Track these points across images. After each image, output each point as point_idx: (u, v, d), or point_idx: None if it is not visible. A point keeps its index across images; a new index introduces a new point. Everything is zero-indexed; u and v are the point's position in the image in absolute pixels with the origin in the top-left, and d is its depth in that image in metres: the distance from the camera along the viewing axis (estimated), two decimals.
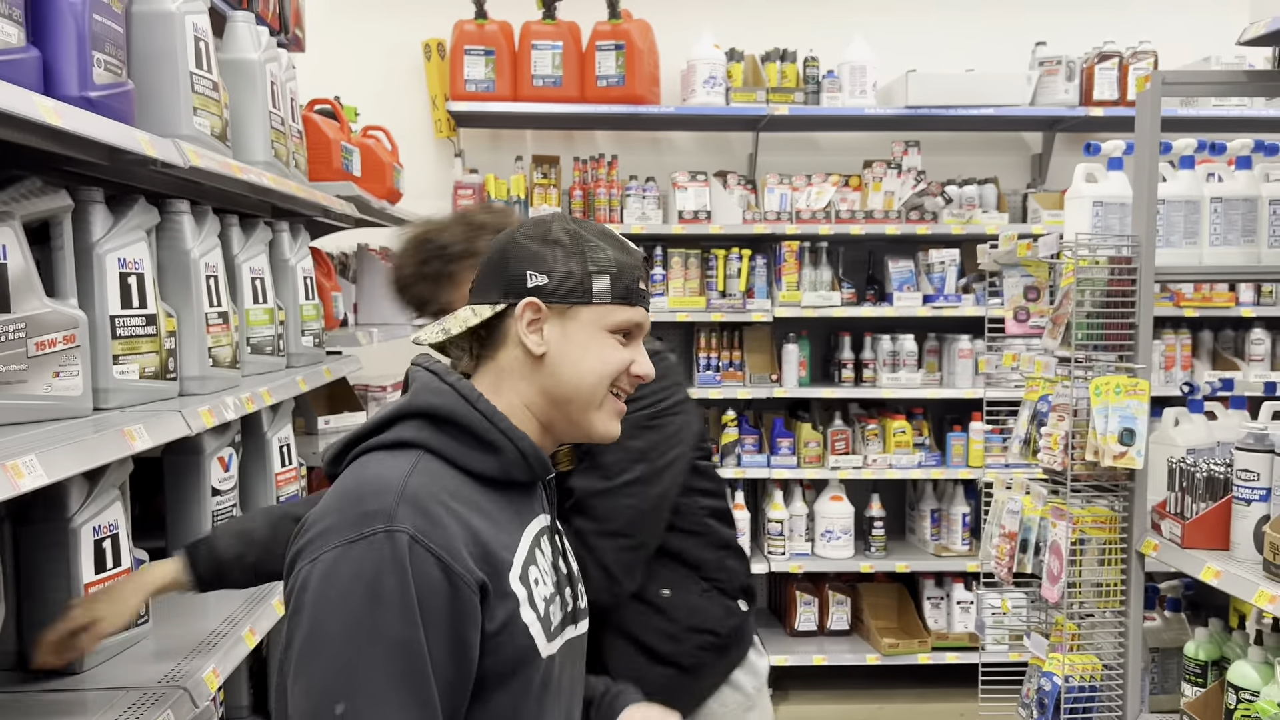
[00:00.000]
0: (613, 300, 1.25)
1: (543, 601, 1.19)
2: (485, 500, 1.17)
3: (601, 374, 1.24)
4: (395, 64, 4.70)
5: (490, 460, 1.19)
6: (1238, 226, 2.46)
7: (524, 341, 1.23)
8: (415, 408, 1.19)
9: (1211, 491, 2.21)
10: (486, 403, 1.20)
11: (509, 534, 1.18)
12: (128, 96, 1.61)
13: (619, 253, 1.27)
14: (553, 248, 1.24)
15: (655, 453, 1.65)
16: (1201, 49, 4.38)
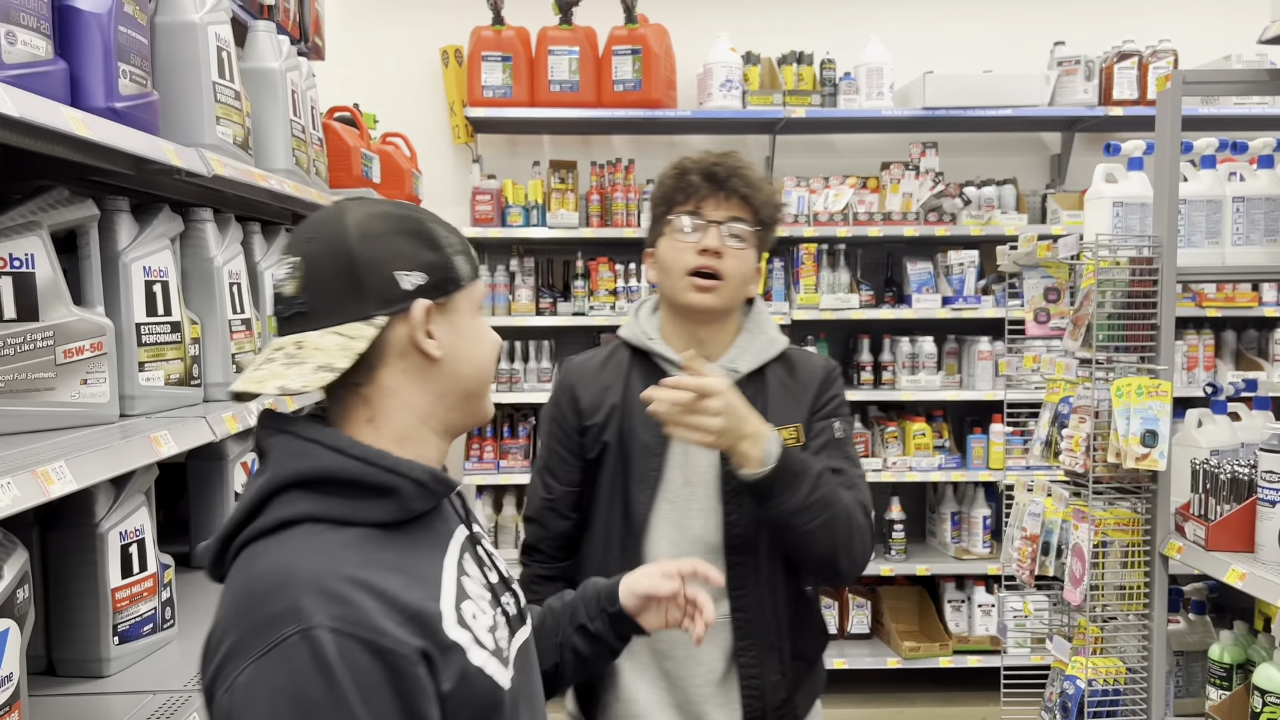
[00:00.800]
0: (472, 278, 1.15)
1: (488, 634, 1.08)
2: (393, 550, 1.03)
3: (492, 356, 1.18)
4: (413, 71, 4.73)
5: (386, 505, 1.04)
6: (1260, 226, 2.44)
7: (422, 348, 1.08)
8: (282, 480, 1.03)
9: (1235, 493, 2.19)
10: (361, 445, 1.05)
11: (429, 576, 1.05)
12: (153, 107, 1.63)
13: (448, 228, 1.16)
14: (411, 240, 1.10)
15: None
16: (1222, 47, 4.35)
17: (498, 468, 4.32)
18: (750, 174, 1.72)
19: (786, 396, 1.76)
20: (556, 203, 4.37)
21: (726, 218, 1.69)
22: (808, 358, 1.84)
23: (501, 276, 4.40)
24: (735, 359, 1.76)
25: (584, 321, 4.37)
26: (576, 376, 1.83)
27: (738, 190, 1.70)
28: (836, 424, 1.77)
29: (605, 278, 4.39)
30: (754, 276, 1.76)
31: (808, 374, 1.80)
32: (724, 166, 1.70)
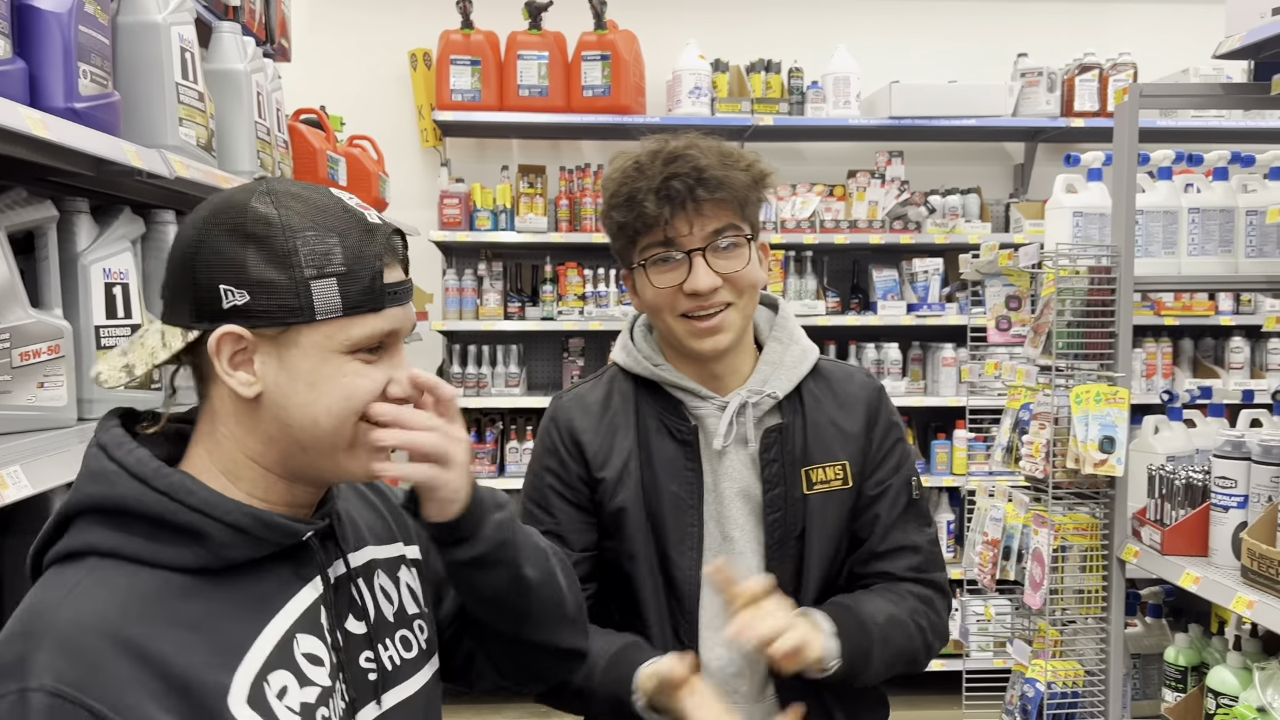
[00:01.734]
0: (346, 311, 0.91)
1: (301, 713, 0.92)
2: (198, 602, 0.89)
3: (343, 413, 0.93)
4: (381, 74, 4.71)
5: (191, 550, 0.90)
6: (1215, 237, 2.49)
7: (226, 382, 0.92)
8: (75, 506, 0.91)
9: (1190, 498, 2.23)
10: (170, 476, 0.90)
11: (234, 638, 0.90)
12: (113, 107, 1.62)
13: (349, 236, 0.92)
14: (250, 247, 0.90)
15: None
16: (1180, 61, 4.44)
17: None
18: (715, 166, 1.36)
19: (829, 425, 1.46)
20: (525, 207, 4.37)
21: (708, 238, 1.36)
22: (846, 374, 1.52)
23: (470, 280, 4.39)
24: (767, 379, 1.45)
25: (552, 326, 4.37)
26: (574, 416, 1.49)
27: (710, 197, 1.35)
28: (913, 481, 1.50)
29: (574, 282, 4.40)
30: (762, 274, 1.43)
31: (851, 396, 1.49)
32: (682, 176, 1.34)
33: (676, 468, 1.44)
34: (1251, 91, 2.40)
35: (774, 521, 1.44)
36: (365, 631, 1.02)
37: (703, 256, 1.36)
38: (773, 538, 1.44)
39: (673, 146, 1.38)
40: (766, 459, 1.44)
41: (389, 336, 0.95)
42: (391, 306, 0.94)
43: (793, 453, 1.45)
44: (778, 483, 1.44)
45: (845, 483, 1.45)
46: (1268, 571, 1.90)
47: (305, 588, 0.97)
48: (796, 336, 1.51)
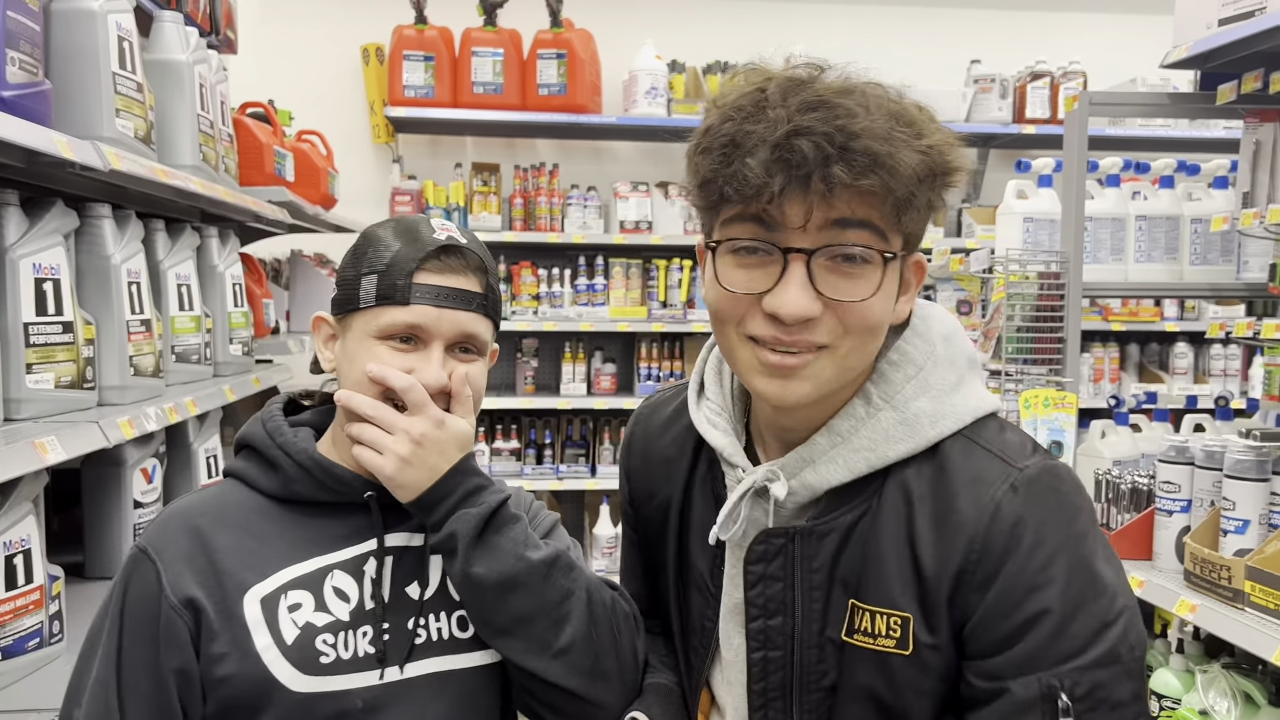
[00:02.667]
0: (377, 302, 1.09)
1: (303, 629, 1.07)
2: (271, 522, 1.12)
3: (359, 385, 1.10)
4: (332, 68, 4.63)
5: (272, 477, 1.13)
6: (1161, 244, 2.52)
7: (321, 361, 1.18)
8: (236, 440, 1.20)
9: (1136, 503, 2.25)
10: (276, 422, 1.16)
11: (283, 555, 1.10)
12: (44, 97, 1.56)
13: (403, 245, 1.09)
14: (350, 254, 1.15)
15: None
16: (1128, 71, 4.51)
17: None
18: (877, 133, 0.87)
19: (903, 545, 0.95)
20: (479, 205, 4.32)
21: (827, 237, 0.90)
22: (972, 473, 0.94)
23: None
24: (811, 457, 0.98)
25: (506, 326, 4.32)
26: (636, 432, 1.22)
27: (851, 181, 0.86)
28: (1064, 696, 0.89)
29: (528, 282, 4.36)
30: (891, 312, 0.95)
31: (955, 511, 0.93)
32: (818, 136, 0.85)
33: (705, 541, 1.06)
34: (1198, 101, 2.44)
35: (763, 663, 1.01)
36: (418, 599, 1.13)
37: (806, 264, 0.89)
38: (762, 683, 1.01)
39: (825, 84, 0.91)
40: (756, 573, 1.00)
41: (418, 330, 1.09)
42: (420, 303, 1.08)
43: (819, 572, 0.98)
44: (776, 610, 0.99)
45: (902, 647, 0.93)
46: (1210, 575, 1.92)
47: (365, 542, 1.12)
48: (902, 397, 0.97)
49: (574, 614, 1.09)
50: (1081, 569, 0.91)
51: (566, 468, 4.33)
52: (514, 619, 1.08)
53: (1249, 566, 1.82)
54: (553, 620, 1.09)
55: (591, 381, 4.43)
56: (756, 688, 1.01)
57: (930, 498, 0.94)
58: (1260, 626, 1.78)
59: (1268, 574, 1.79)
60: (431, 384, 1.08)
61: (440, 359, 1.10)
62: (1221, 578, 1.89)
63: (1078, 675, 0.89)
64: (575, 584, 1.10)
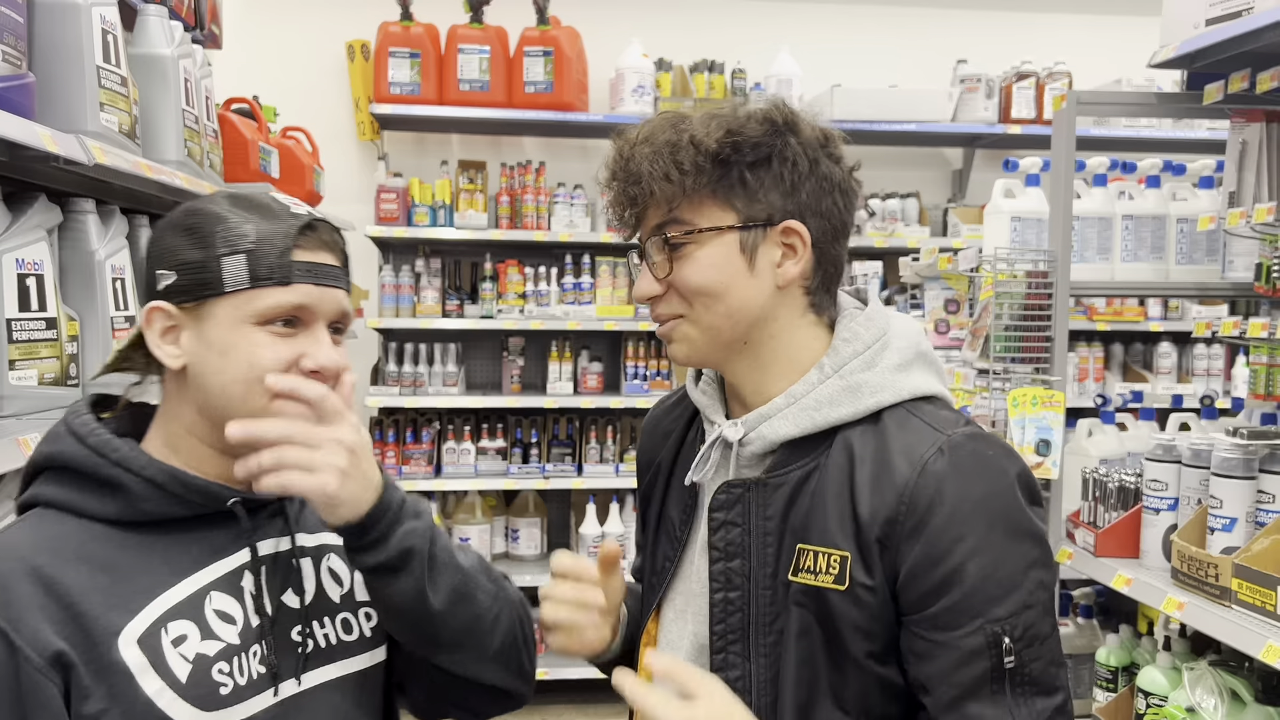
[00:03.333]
0: (253, 283, 0.98)
1: (195, 662, 0.97)
2: (120, 550, 0.98)
3: (248, 380, 0.98)
4: (317, 64, 4.60)
5: (112, 501, 0.99)
6: (1147, 243, 2.54)
7: (157, 355, 1.02)
8: (33, 463, 1.04)
9: (1123, 501, 2.26)
10: (100, 436, 1.01)
11: (147, 586, 0.98)
12: (27, 89, 1.54)
13: (265, 222, 1.00)
14: (180, 236, 1.01)
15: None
16: (1113, 72, 4.53)
17: (399, 474, 4.22)
18: (646, 149, 1.07)
19: (844, 495, 1.06)
20: (465, 203, 4.30)
21: (652, 231, 1.11)
22: (909, 433, 1.06)
23: (407, 277, 4.31)
24: (768, 414, 1.10)
25: (492, 325, 4.31)
26: (651, 415, 1.34)
27: (644, 193, 1.08)
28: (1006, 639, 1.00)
29: (514, 280, 4.34)
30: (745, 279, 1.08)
31: (890, 466, 1.04)
32: (621, 165, 1.10)
33: (684, 492, 1.19)
34: (1185, 101, 2.45)
35: (723, 604, 1.10)
36: (299, 607, 1.06)
37: (640, 258, 1.14)
38: (722, 624, 1.10)
39: (632, 135, 1.13)
40: (718, 519, 1.11)
41: (301, 312, 1.01)
42: (302, 282, 1.00)
43: (772, 519, 1.09)
44: (735, 553, 1.10)
45: (839, 582, 1.04)
46: (1197, 573, 1.93)
47: (235, 554, 1.04)
48: (850, 368, 1.09)
49: (503, 614, 1.11)
50: (1002, 520, 1.03)
51: (553, 467, 4.32)
52: (462, 631, 1.07)
53: (1236, 564, 1.83)
54: (489, 624, 1.09)
55: (578, 380, 4.42)
56: (718, 629, 1.11)
57: (870, 458, 1.06)
58: (1247, 624, 1.78)
59: (1255, 571, 1.79)
60: (332, 366, 1.01)
61: (329, 340, 1.03)
62: (1209, 575, 1.90)
63: (1014, 619, 1.01)
64: (497, 582, 1.12)
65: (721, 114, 1.11)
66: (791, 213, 1.09)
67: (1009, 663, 1.00)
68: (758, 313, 1.09)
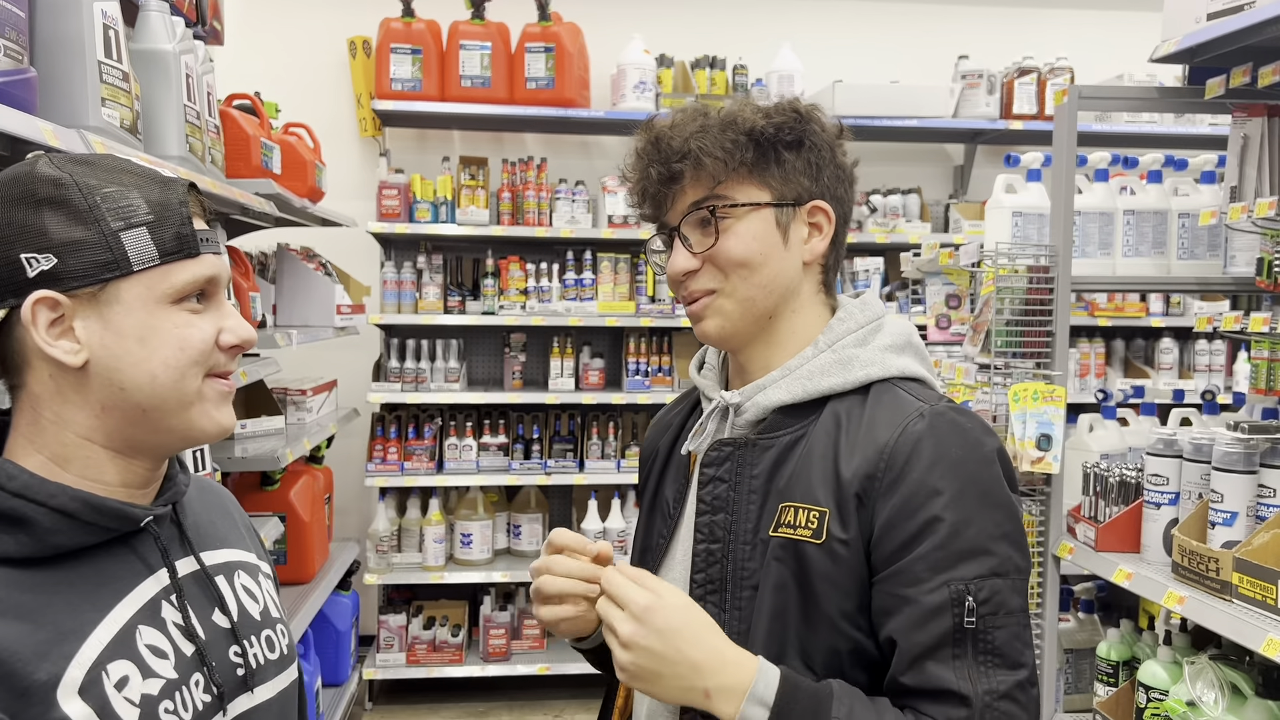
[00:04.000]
0: (163, 259, 0.90)
1: (142, 704, 0.88)
2: (28, 592, 0.86)
3: (180, 364, 0.91)
4: (319, 61, 4.60)
5: (13, 538, 0.86)
6: (1149, 239, 2.53)
7: (49, 354, 0.88)
8: None
9: (1124, 496, 2.26)
10: None
11: (68, 628, 0.86)
12: (29, 84, 1.54)
13: (150, 190, 0.91)
14: (47, 211, 0.87)
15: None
16: (1115, 67, 4.53)
17: (401, 469, 4.23)
18: (693, 127, 1.14)
19: (828, 456, 1.10)
20: (466, 199, 4.30)
21: (687, 209, 1.14)
22: (892, 404, 1.11)
23: (409, 273, 4.31)
24: (761, 385, 1.16)
25: (493, 321, 4.31)
26: (658, 413, 1.40)
27: (689, 168, 1.12)
28: (969, 599, 1.02)
29: (516, 277, 4.34)
30: (780, 252, 1.14)
31: (871, 430, 1.09)
32: (659, 146, 1.14)
33: (679, 472, 1.24)
34: (1186, 95, 2.45)
35: (705, 554, 1.15)
36: (229, 626, 1.00)
37: (676, 237, 1.16)
38: (702, 573, 1.15)
39: (677, 112, 1.19)
40: (707, 475, 1.16)
41: (211, 284, 0.95)
42: (207, 253, 0.94)
43: (758, 478, 1.14)
44: (720, 508, 1.15)
45: (818, 537, 1.07)
46: (1198, 567, 1.93)
47: (149, 579, 0.94)
48: (842, 344, 1.16)
49: None
50: (975, 484, 1.06)
51: (554, 463, 4.33)
52: None
53: (1237, 558, 1.83)
54: None
55: (580, 376, 4.42)
56: (698, 578, 1.15)
57: (856, 424, 1.11)
58: (1248, 618, 1.79)
59: (1256, 565, 1.80)
60: (248, 338, 0.96)
61: (235, 311, 0.97)
62: (1210, 570, 1.90)
63: (980, 582, 1.03)
64: None
65: (751, 103, 1.17)
66: (816, 194, 1.17)
67: (969, 623, 1.02)
68: (787, 285, 1.16)
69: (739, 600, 1.12)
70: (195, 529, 1.04)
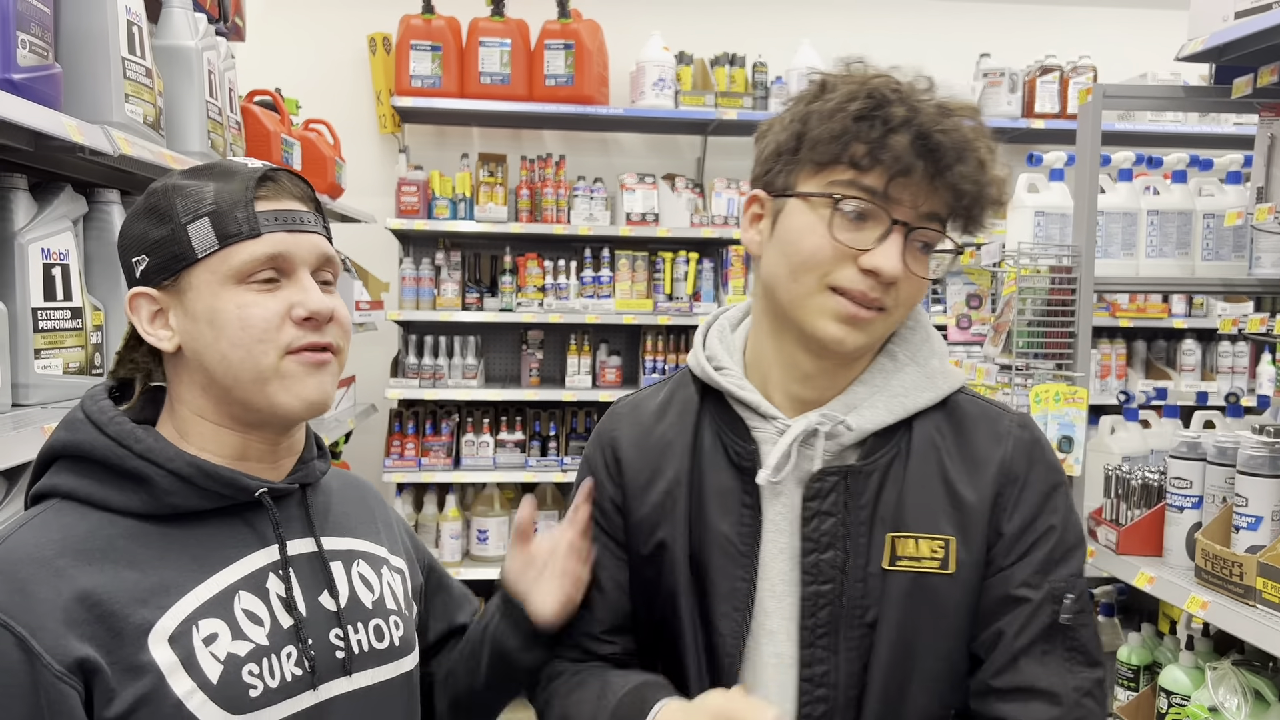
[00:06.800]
0: (222, 243, 0.96)
1: (226, 662, 0.93)
2: (144, 545, 0.94)
3: (245, 342, 0.96)
4: (339, 57, 4.62)
5: (136, 494, 0.95)
6: (1173, 239, 2.51)
7: (150, 343, 1.00)
8: (50, 449, 1.00)
9: (1146, 499, 2.24)
10: (122, 425, 0.97)
11: (170, 582, 0.93)
12: (54, 80, 1.55)
13: (221, 183, 0.99)
14: (145, 219, 0.99)
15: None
16: (1139, 65, 4.49)
17: (419, 465, 4.24)
18: (984, 153, 1.05)
19: (938, 481, 1.08)
20: (485, 196, 4.30)
21: (922, 218, 1.04)
22: (986, 417, 1.13)
23: (427, 270, 4.32)
24: (852, 404, 1.10)
25: (511, 318, 4.31)
26: (621, 427, 1.22)
27: (959, 183, 1.03)
28: (1068, 597, 1.06)
29: (534, 274, 4.35)
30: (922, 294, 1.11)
31: (980, 450, 1.10)
32: (952, 139, 1.02)
33: (730, 502, 1.12)
34: (1213, 94, 2.42)
35: (814, 597, 1.07)
36: (335, 610, 1.04)
37: (904, 236, 1.03)
38: (812, 618, 1.07)
39: (947, 96, 1.07)
40: (812, 509, 1.08)
41: (280, 261, 0.98)
42: (272, 232, 0.98)
43: (865, 509, 1.08)
44: (829, 544, 1.07)
45: (944, 567, 1.05)
46: (1222, 572, 1.91)
47: (260, 550, 1.01)
48: (922, 356, 1.12)
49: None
50: (1064, 488, 1.13)
51: (571, 460, 4.33)
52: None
53: (1261, 563, 1.81)
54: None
55: (597, 374, 4.42)
56: (807, 623, 1.08)
57: (952, 439, 1.10)
58: (1272, 623, 1.77)
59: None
60: (325, 310, 0.98)
61: (315, 285, 1.00)
62: (1233, 574, 1.88)
63: (1072, 580, 1.08)
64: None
65: (993, 151, 1.09)
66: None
67: (1065, 619, 1.05)
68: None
69: (852, 640, 1.07)
70: (323, 513, 1.09)
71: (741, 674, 1.11)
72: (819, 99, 1.05)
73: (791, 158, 1.07)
